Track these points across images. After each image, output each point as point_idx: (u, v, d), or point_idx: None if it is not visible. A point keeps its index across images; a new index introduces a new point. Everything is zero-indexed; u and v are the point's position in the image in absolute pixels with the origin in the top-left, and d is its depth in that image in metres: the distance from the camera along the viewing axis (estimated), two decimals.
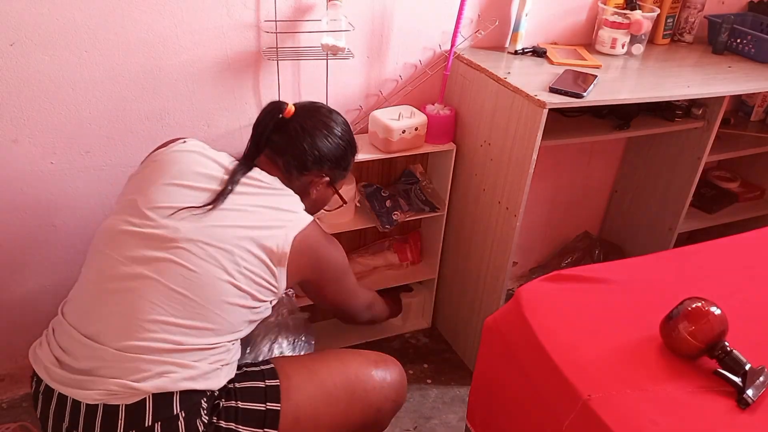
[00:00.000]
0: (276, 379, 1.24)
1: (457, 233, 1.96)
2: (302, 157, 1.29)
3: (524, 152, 1.61)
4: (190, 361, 1.10)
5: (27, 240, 1.63)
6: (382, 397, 1.33)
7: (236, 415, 1.16)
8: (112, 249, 1.14)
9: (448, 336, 2.15)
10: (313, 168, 1.31)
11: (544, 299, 1.27)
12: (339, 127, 1.34)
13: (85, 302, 1.14)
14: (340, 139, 1.33)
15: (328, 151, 1.31)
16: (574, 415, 1.07)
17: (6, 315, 1.70)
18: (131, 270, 1.11)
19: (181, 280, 1.10)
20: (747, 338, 1.14)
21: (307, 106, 1.34)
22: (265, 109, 1.31)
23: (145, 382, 1.06)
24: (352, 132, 1.39)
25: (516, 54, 1.85)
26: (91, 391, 1.06)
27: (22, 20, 1.37)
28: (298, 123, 1.29)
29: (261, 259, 1.16)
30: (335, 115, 1.36)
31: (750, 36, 1.98)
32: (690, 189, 2.03)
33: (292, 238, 1.19)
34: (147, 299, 1.09)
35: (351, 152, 1.38)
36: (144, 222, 1.14)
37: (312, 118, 1.31)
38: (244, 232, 1.15)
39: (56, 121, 1.50)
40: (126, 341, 1.07)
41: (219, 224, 1.15)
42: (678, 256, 1.49)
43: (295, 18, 1.61)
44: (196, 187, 1.18)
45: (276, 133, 1.29)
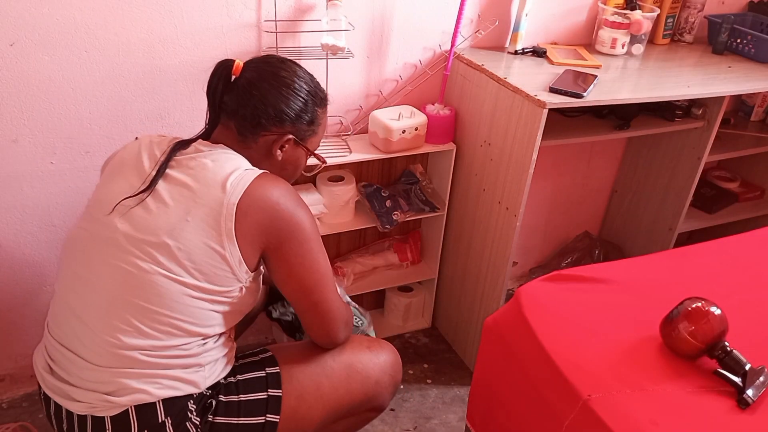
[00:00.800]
0: (276, 366, 1.24)
1: (457, 233, 1.96)
2: (253, 116, 1.15)
3: (524, 152, 1.61)
4: (163, 369, 1.08)
5: (27, 240, 1.63)
6: (379, 370, 1.33)
7: (237, 409, 1.16)
8: (70, 257, 1.13)
9: (448, 336, 2.15)
10: (269, 126, 1.16)
11: (544, 299, 1.27)
12: (294, 76, 1.18)
13: (58, 314, 1.14)
14: (296, 90, 1.17)
15: (284, 104, 1.16)
16: (574, 415, 1.07)
17: (6, 315, 1.70)
18: (86, 278, 1.09)
19: (123, 285, 1.06)
20: (747, 338, 1.14)
21: (257, 60, 1.20)
22: (213, 70, 1.18)
23: (122, 396, 1.06)
24: (314, 81, 1.22)
25: (516, 54, 1.85)
26: (76, 403, 1.08)
27: (22, 20, 1.37)
28: (245, 79, 1.15)
29: (204, 244, 1.05)
30: (289, 64, 1.20)
31: (750, 36, 1.98)
32: (690, 189, 2.03)
33: (235, 206, 1.06)
34: (104, 308, 1.07)
35: (314, 102, 1.20)
36: (90, 224, 1.11)
37: (260, 71, 1.17)
38: (177, 216, 1.06)
39: (56, 121, 1.51)
40: (98, 354, 1.07)
41: (151, 215, 1.06)
42: (678, 256, 1.49)
43: (295, 18, 1.61)
44: (133, 176, 1.12)
45: (226, 95, 1.16)
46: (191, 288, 1.07)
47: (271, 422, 1.18)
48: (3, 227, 1.59)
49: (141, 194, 1.07)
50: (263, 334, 2.07)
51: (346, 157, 1.69)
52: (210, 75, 1.18)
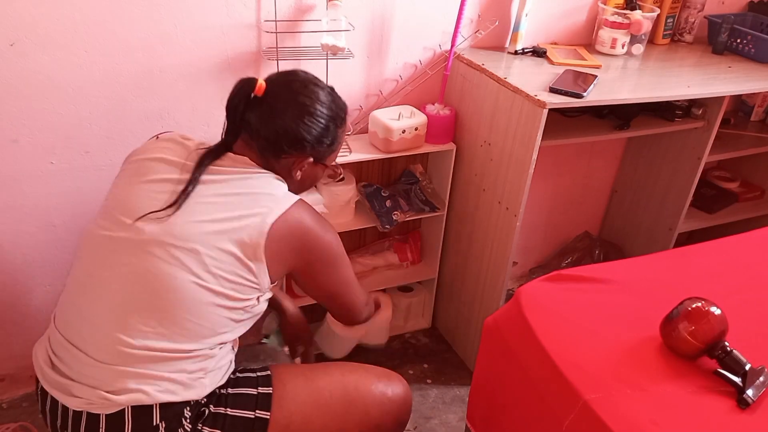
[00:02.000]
0: (269, 386, 1.19)
1: (457, 233, 1.96)
2: (275, 140, 1.16)
3: (524, 152, 1.61)
4: (167, 372, 1.07)
5: (27, 240, 1.63)
6: (383, 411, 1.26)
7: (224, 422, 1.13)
8: (86, 255, 1.13)
9: (448, 336, 2.15)
10: (290, 151, 1.18)
11: (544, 299, 1.27)
12: (317, 102, 1.18)
13: (67, 310, 1.13)
14: (318, 117, 1.18)
15: (306, 133, 1.17)
16: (574, 415, 1.07)
17: (6, 315, 1.70)
18: (101, 277, 1.09)
19: (146, 285, 1.06)
20: (747, 338, 1.14)
21: (280, 80, 1.19)
22: (235, 88, 1.17)
23: (121, 395, 1.05)
24: (335, 102, 1.22)
25: (516, 54, 1.85)
26: (74, 398, 1.07)
27: (22, 20, 1.37)
28: (269, 103, 1.16)
29: (233, 255, 1.07)
30: (312, 89, 1.19)
31: (750, 36, 1.98)
32: (690, 189, 2.03)
33: (269, 226, 1.09)
34: (116, 307, 1.06)
35: (336, 126, 1.22)
36: (113, 225, 1.11)
37: (284, 96, 1.17)
38: (211, 226, 1.08)
39: (56, 121, 1.50)
40: (104, 352, 1.06)
41: (184, 221, 1.07)
42: (678, 256, 1.49)
43: (295, 18, 1.61)
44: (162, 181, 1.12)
45: (248, 113, 1.16)
46: (214, 294, 1.07)
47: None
48: (3, 227, 1.59)
49: (168, 209, 1.08)
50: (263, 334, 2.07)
51: (345, 157, 1.69)
52: (231, 92, 1.17)
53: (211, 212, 1.09)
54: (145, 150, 1.19)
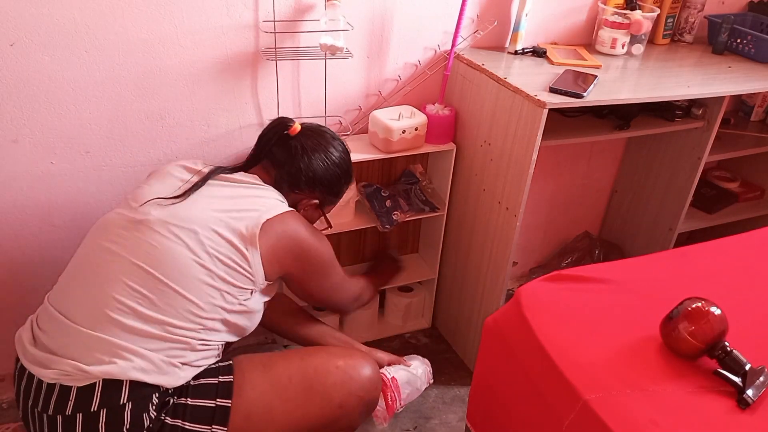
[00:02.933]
0: (230, 375, 1.20)
1: (457, 233, 1.96)
2: (296, 175, 1.33)
3: (524, 152, 1.61)
4: (145, 349, 1.09)
5: (27, 240, 1.63)
6: (345, 392, 1.27)
7: (184, 413, 1.13)
8: (96, 235, 1.22)
9: (448, 336, 2.15)
10: (304, 188, 1.35)
11: (544, 299, 1.27)
12: (339, 153, 1.39)
13: (64, 282, 1.20)
14: (337, 166, 1.38)
15: (323, 174, 1.35)
16: (574, 415, 1.07)
17: (6, 315, 1.70)
18: (102, 247, 1.16)
19: (143, 255, 1.13)
20: (747, 338, 1.14)
21: (313, 127, 1.39)
22: (271, 123, 1.36)
23: (95, 366, 1.06)
24: (350, 161, 1.43)
25: (516, 54, 1.85)
26: (49, 370, 1.09)
27: (22, 20, 1.37)
28: (300, 142, 1.34)
29: (229, 240, 1.17)
30: (338, 143, 1.40)
31: (750, 36, 1.98)
32: (690, 189, 2.03)
33: (263, 220, 1.20)
34: (110, 274, 1.12)
35: (345, 181, 1.43)
36: (121, 209, 1.22)
37: (314, 140, 1.36)
38: (212, 214, 1.18)
39: (56, 121, 1.51)
40: (88, 317, 1.10)
41: (187, 208, 1.19)
42: (678, 256, 1.49)
43: (294, 18, 1.61)
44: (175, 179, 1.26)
45: (276, 147, 1.34)
46: (208, 271, 1.14)
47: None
48: (4, 227, 1.59)
49: (175, 198, 1.20)
50: (263, 335, 2.07)
51: None
52: (267, 126, 1.37)
53: (213, 205, 1.20)
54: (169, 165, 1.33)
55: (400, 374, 1.51)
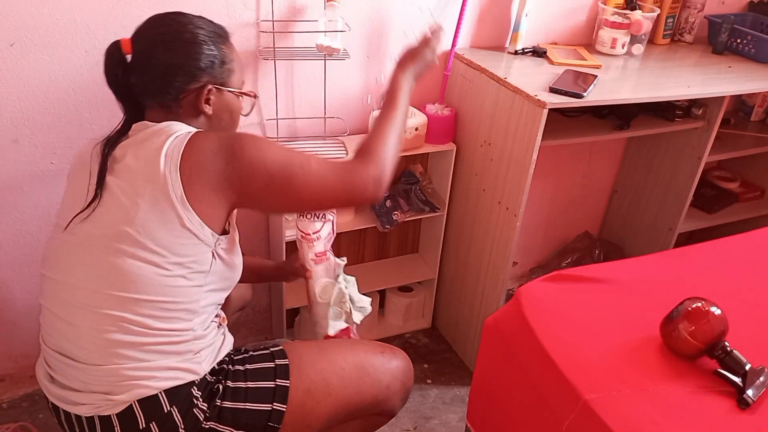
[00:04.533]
0: (285, 359, 1.25)
1: (457, 233, 1.96)
2: (164, 85, 1.10)
3: (524, 152, 1.61)
4: (160, 361, 1.08)
5: (27, 240, 1.63)
6: (390, 375, 1.34)
7: (245, 395, 1.17)
8: (46, 268, 1.15)
9: (448, 336, 2.15)
10: (183, 86, 1.11)
11: (544, 299, 1.27)
12: (182, 28, 1.11)
13: (48, 322, 1.14)
14: (192, 42, 1.11)
15: (187, 59, 1.10)
16: (574, 415, 1.07)
17: (6, 315, 1.70)
18: (64, 284, 1.10)
19: (101, 281, 1.06)
20: (747, 338, 1.14)
21: (142, 30, 1.13)
22: (104, 60, 1.13)
23: (122, 393, 1.06)
24: (208, 23, 1.15)
25: (516, 54, 1.85)
26: (80, 406, 1.08)
27: (22, 20, 1.37)
28: (138, 53, 1.11)
29: (160, 219, 1.04)
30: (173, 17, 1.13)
31: (750, 36, 1.98)
32: (690, 189, 2.03)
33: (177, 171, 1.04)
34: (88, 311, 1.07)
35: (216, 43, 1.14)
36: (58, 234, 1.13)
37: (149, 38, 1.11)
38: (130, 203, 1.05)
39: (56, 121, 1.51)
40: (93, 353, 1.07)
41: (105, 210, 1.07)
42: (678, 256, 1.49)
43: (292, 18, 1.61)
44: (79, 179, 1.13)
45: (131, 77, 1.12)
46: (162, 266, 1.06)
47: (277, 410, 1.19)
48: (3, 227, 1.59)
49: (91, 205, 1.08)
50: (263, 335, 2.07)
51: (343, 158, 1.68)
52: (104, 66, 1.13)
53: (124, 191, 1.06)
54: (76, 158, 1.20)
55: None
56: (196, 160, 1.05)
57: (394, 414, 1.41)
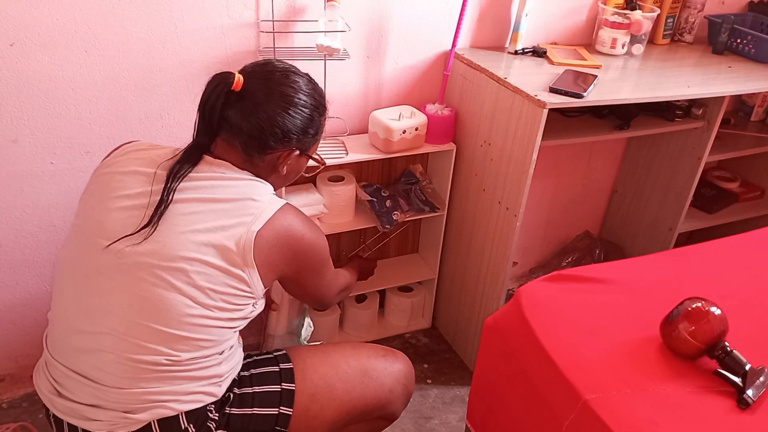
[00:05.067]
0: (289, 362, 1.26)
1: (457, 233, 1.96)
2: (261, 136, 1.11)
3: (524, 152, 1.61)
4: (184, 386, 1.07)
5: (27, 240, 1.63)
6: (393, 379, 1.35)
7: (252, 400, 1.18)
8: (71, 283, 1.09)
9: (448, 336, 2.14)
10: (276, 146, 1.13)
11: (544, 299, 1.27)
12: (300, 93, 1.14)
13: (60, 338, 1.10)
14: (302, 108, 1.13)
15: (292, 125, 1.12)
16: (574, 415, 1.07)
17: (6, 315, 1.70)
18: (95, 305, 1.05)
19: (137, 311, 1.03)
20: (747, 338, 1.14)
21: (258, 72, 1.14)
22: (210, 85, 1.11)
23: (142, 413, 1.05)
24: (316, 90, 1.18)
25: (516, 54, 1.85)
26: (94, 422, 1.05)
27: (22, 20, 1.37)
28: (251, 98, 1.10)
29: (221, 268, 1.04)
30: (293, 78, 1.15)
31: (750, 36, 1.98)
32: (690, 189, 2.03)
33: (255, 234, 1.06)
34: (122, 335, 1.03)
35: (319, 115, 1.19)
36: (91, 250, 1.06)
37: (266, 89, 1.11)
38: (194, 239, 1.03)
39: (56, 121, 1.51)
40: (117, 378, 1.04)
41: (165, 239, 1.03)
42: (678, 256, 1.49)
43: (292, 18, 1.61)
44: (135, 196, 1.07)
45: (228, 111, 1.10)
46: (208, 308, 1.05)
47: (284, 414, 1.20)
48: (3, 227, 1.59)
49: (144, 230, 1.04)
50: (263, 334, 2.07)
51: (342, 158, 1.68)
52: (206, 89, 1.12)
53: (191, 223, 1.05)
54: (114, 162, 1.14)
55: None
56: (277, 235, 1.10)
57: (396, 417, 1.41)
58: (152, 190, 1.06)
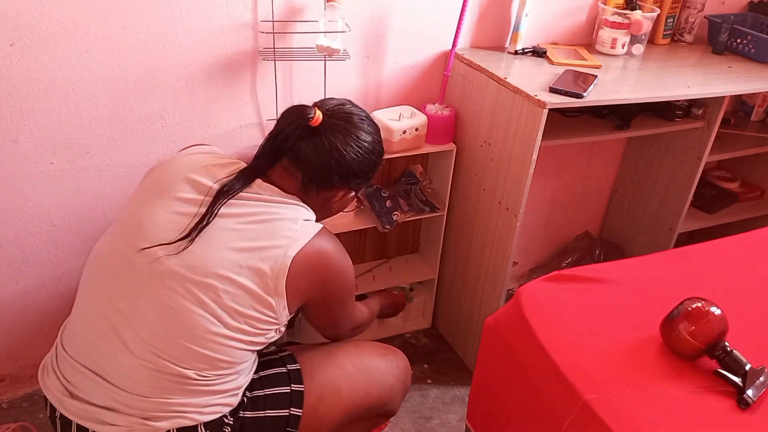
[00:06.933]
0: (296, 363, 1.27)
1: (457, 233, 1.96)
2: (327, 174, 1.15)
3: (524, 152, 1.61)
4: (205, 399, 1.08)
5: (27, 240, 1.63)
6: (393, 376, 1.37)
7: (264, 402, 1.19)
8: (102, 279, 1.09)
9: (448, 336, 2.15)
10: (339, 184, 1.18)
11: (544, 299, 1.27)
12: (371, 138, 1.19)
13: (82, 335, 1.09)
14: (371, 153, 1.19)
15: (359, 167, 1.17)
16: (574, 416, 1.07)
17: (6, 315, 1.70)
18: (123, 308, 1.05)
19: (164, 321, 1.03)
20: (747, 338, 1.14)
21: (336, 112, 1.17)
22: (286, 116, 1.14)
23: (163, 422, 1.05)
24: (381, 137, 1.24)
25: (516, 54, 1.85)
26: (110, 426, 1.05)
27: (22, 20, 1.37)
28: (327, 137, 1.13)
29: (250, 292, 1.05)
30: (368, 124, 1.20)
31: (750, 36, 1.98)
32: (690, 189, 2.03)
33: (291, 260, 1.06)
34: (147, 342, 1.04)
35: (380, 162, 1.25)
36: (127, 249, 1.07)
37: (343, 129, 1.15)
38: (230, 257, 1.04)
39: (56, 121, 1.50)
40: (138, 385, 1.04)
41: (201, 252, 1.04)
42: (678, 256, 1.49)
43: (292, 19, 1.61)
44: (183, 201, 1.08)
45: (301, 142, 1.13)
46: (231, 329, 1.06)
47: (295, 416, 1.21)
48: (3, 227, 1.59)
49: (182, 241, 1.04)
50: None
51: None
52: (282, 119, 1.15)
53: (229, 240, 1.05)
54: (174, 164, 1.15)
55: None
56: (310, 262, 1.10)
57: (395, 413, 1.44)
58: (203, 200, 1.08)
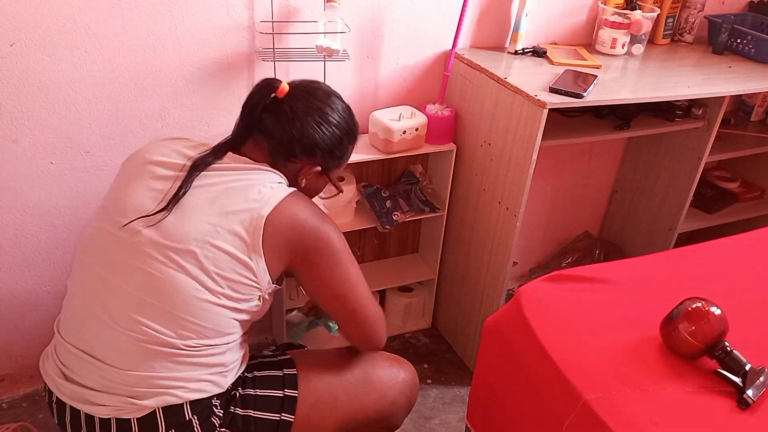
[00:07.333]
0: (293, 368, 1.25)
1: (457, 233, 1.96)
2: (289, 143, 1.16)
3: (524, 152, 1.61)
4: (190, 373, 1.08)
5: (27, 240, 1.63)
6: (397, 391, 1.33)
7: (254, 402, 1.18)
8: (87, 258, 1.12)
9: (448, 336, 2.15)
10: (301, 156, 1.18)
11: (544, 299, 1.27)
12: (336, 113, 1.20)
13: (74, 316, 1.12)
14: (335, 127, 1.20)
15: (321, 139, 1.18)
16: (574, 415, 1.07)
17: (6, 315, 1.70)
18: (108, 282, 1.08)
19: (146, 288, 1.06)
20: (747, 338, 1.14)
21: (303, 85, 1.21)
22: (256, 87, 1.18)
23: (149, 399, 1.06)
24: (352, 118, 1.25)
25: (516, 54, 1.85)
26: (100, 407, 1.06)
27: (22, 20, 1.37)
28: (289, 105, 1.16)
29: (229, 254, 1.07)
30: (333, 99, 1.22)
31: (750, 36, 1.98)
32: (690, 189, 2.03)
33: (264, 219, 1.08)
34: (132, 313, 1.06)
35: (348, 140, 1.24)
36: (109, 226, 1.10)
37: (306, 101, 1.18)
38: (206, 223, 1.07)
39: (56, 121, 1.51)
40: (124, 358, 1.06)
41: (177, 221, 1.07)
42: (678, 256, 1.49)
43: (292, 19, 1.61)
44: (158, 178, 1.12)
45: (266, 114, 1.17)
46: (215, 294, 1.07)
47: (285, 421, 1.19)
48: (3, 228, 1.59)
49: (160, 213, 1.07)
50: (263, 335, 2.08)
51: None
52: (252, 90, 1.18)
53: (205, 208, 1.08)
54: (147, 151, 1.18)
55: None
56: (284, 220, 1.10)
57: (397, 428, 1.40)
58: (178, 175, 1.11)
